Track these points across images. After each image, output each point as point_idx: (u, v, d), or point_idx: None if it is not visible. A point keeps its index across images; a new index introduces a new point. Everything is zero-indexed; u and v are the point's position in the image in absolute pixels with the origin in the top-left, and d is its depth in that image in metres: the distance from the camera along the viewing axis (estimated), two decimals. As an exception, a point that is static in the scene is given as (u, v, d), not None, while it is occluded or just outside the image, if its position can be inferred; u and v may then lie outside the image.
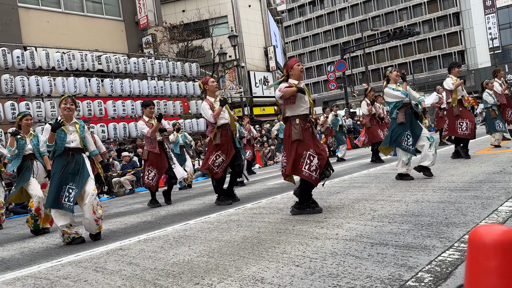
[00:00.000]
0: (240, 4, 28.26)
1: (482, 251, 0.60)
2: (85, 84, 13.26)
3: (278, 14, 36.80)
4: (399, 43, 57.22)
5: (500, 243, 0.59)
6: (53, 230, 5.73)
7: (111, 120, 13.90)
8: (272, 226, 3.97)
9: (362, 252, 2.76)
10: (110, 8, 19.38)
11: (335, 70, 24.35)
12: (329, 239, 3.21)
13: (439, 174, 6.04)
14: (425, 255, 2.55)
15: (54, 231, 5.64)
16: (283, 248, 3.10)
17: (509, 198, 3.85)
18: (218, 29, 26.50)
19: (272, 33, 31.34)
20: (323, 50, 66.89)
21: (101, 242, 4.41)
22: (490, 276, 0.59)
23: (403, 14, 60.24)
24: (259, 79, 29.24)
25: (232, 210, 5.32)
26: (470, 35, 55.69)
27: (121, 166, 12.37)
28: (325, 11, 66.94)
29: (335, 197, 5.20)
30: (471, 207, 3.69)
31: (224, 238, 3.69)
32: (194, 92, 17.23)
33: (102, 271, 3.12)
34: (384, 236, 3.08)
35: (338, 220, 3.84)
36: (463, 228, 3.06)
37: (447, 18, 57.02)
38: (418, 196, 4.54)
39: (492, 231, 0.60)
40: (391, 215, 3.78)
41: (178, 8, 27.46)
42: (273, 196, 6.12)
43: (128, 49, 19.10)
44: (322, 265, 2.60)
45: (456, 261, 2.38)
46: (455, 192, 4.50)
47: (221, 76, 25.63)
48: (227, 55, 23.08)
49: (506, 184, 4.57)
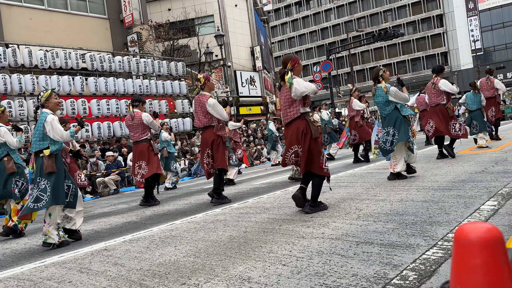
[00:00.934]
0: (227, 3, 28.20)
1: (467, 249, 0.61)
2: (68, 83, 13.06)
3: (264, 14, 36.84)
4: (383, 44, 57.86)
5: (485, 241, 0.60)
6: (34, 232, 5.63)
7: (95, 119, 13.72)
8: (259, 225, 3.97)
9: (347, 251, 2.79)
10: (94, 6, 19.13)
11: (321, 71, 24.46)
12: (315, 238, 3.23)
13: (423, 173, 6.13)
14: (409, 254, 2.58)
15: (35, 232, 5.54)
16: (269, 248, 3.11)
17: (491, 197, 3.93)
18: (204, 28, 26.41)
19: (259, 32, 31.37)
20: (309, 50, 67.22)
21: (86, 242, 4.35)
22: (476, 273, 0.60)
23: (387, 16, 60.93)
24: (246, 78, 29.23)
25: (218, 210, 5.31)
26: (453, 37, 56.63)
27: (105, 166, 12.23)
28: (311, 11, 67.28)
29: (321, 196, 5.23)
30: (454, 206, 3.76)
31: (211, 238, 3.69)
32: (180, 92, 17.13)
33: (87, 272, 3.08)
34: (369, 235, 3.12)
35: (324, 219, 3.86)
36: (446, 227, 3.11)
37: (431, 20, 57.87)
38: (403, 195, 4.60)
39: (477, 229, 0.62)
40: (376, 214, 3.82)
41: (164, 7, 27.26)
42: (260, 196, 6.13)
43: (113, 48, 18.89)
44: (308, 264, 2.62)
45: (439, 259, 2.42)
46: (438, 191, 4.57)
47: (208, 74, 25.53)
48: (213, 55, 23.01)
49: (487, 183, 4.66)
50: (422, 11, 58.20)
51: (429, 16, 57.75)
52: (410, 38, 58.44)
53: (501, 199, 3.81)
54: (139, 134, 6.83)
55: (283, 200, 5.41)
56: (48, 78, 12.57)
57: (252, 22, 30.46)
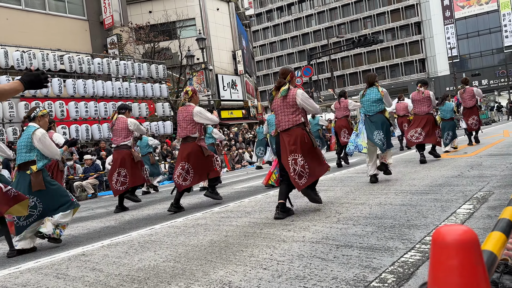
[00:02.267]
0: (208, 7, 28.18)
1: (444, 251, 0.63)
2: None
3: (246, 18, 36.95)
4: (363, 50, 58.80)
5: (461, 243, 0.62)
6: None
7: (73, 122, 13.49)
8: (240, 229, 3.97)
9: (328, 254, 2.81)
10: (73, 7, 18.82)
11: (302, 75, 24.66)
12: (296, 241, 3.24)
13: (401, 177, 6.23)
14: (388, 257, 2.62)
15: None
16: (250, 252, 3.11)
17: (467, 201, 4.03)
18: (186, 31, 26.28)
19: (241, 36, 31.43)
20: (290, 55, 67.72)
21: (63, 247, 4.26)
22: (452, 274, 0.62)
23: (367, 23, 61.97)
24: (227, 82, 29.22)
25: (199, 214, 5.28)
26: (431, 44, 58.00)
27: (83, 170, 12.01)
28: (293, 17, 67.86)
29: (301, 200, 5.27)
30: (431, 209, 3.83)
31: (191, 243, 3.66)
32: (161, 94, 17.00)
33: (64, 278, 3.02)
34: (349, 238, 3.15)
35: (305, 223, 3.89)
36: (424, 230, 3.17)
37: (409, 27, 59.14)
38: (381, 199, 4.67)
39: (454, 231, 0.64)
40: (355, 217, 3.87)
41: (145, 9, 27.04)
42: (241, 200, 6.12)
43: (92, 49, 18.61)
44: (289, 267, 2.63)
45: (417, 262, 2.47)
46: (416, 195, 4.66)
47: (188, 78, 25.41)
48: (194, 58, 22.93)
49: (463, 187, 4.78)
50: (400, 19, 59.43)
51: (408, 24, 59.01)
52: (389, 44, 59.56)
53: (476, 202, 3.90)
54: (121, 139, 6.83)
55: (264, 204, 5.41)
56: (24, 79, 12.28)
57: (234, 26, 30.50)
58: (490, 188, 4.56)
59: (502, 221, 1.00)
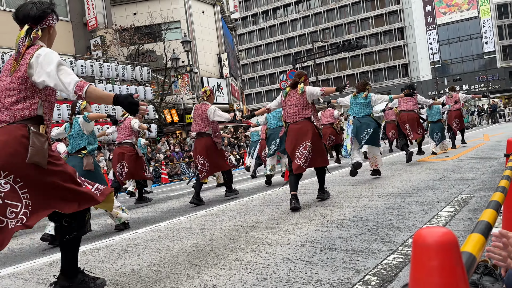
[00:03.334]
0: (194, 9, 28.11)
1: (425, 252, 0.65)
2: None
3: (232, 21, 36.99)
4: (347, 55, 59.41)
5: (441, 244, 0.64)
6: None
7: (55, 124, 13.25)
8: (225, 233, 3.96)
9: (312, 257, 2.82)
10: (56, 8, 18.55)
11: (287, 79, 24.78)
12: (281, 245, 3.25)
13: (384, 181, 6.31)
14: (371, 259, 2.65)
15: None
16: (235, 255, 3.10)
17: (448, 203, 4.10)
18: (171, 34, 26.16)
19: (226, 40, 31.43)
20: (275, 59, 67.96)
21: (43, 252, 4.18)
22: (433, 275, 0.64)
23: (351, 28, 62.66)
24: (213, 85, 29.14)
25: (184, 218, 5.25)
26: (413, 49, 58.93)
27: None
28: (278, 21, 68.16)
29: (286, 203, 5.28)
30: (413, 212, 3.89)
31: (175, 247, 3.63)
32: (145, 97, 16.86)
33: (45, 283, 2.96)
34: (333, 241, 3.18)
35: (290, 226, 3.90)
36: (406, 233, 3.21)
37: (392, 33, 60.00)
38: (365, 202, 4.72)
39: (434, 233, 0.65)
40: (339, 220, 3.90)
41: (129, 11, 26.82)
42: (226, 203, 6.11)
43: (75, 51, 18.36)
44: (274, 271, 2.63)
45: (400, 264, 2.50)
46: (399, 198, 4.72)
47: (173, 81, 25.28)
48: (179, 60, 22.83)
49: (445, 190, 4.86)
50: (384, 24, 60.26)
51: (391, 29, 59.87)
52: (372, 49, 60.31)
53: (458, 205, 3.98)
54: (124, 136, 7.24)
55: (249, 207, 5.41)
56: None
57: (219, 29, 30.48)
58: (470, 191, 4.65)
59: (481, 223, 1.02)
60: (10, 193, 2.21)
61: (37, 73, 2.31)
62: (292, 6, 67.29)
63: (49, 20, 2.46)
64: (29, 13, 2.40)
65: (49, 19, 2.47)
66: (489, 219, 1.05)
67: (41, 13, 2.41)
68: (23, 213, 2.23)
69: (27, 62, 2.30)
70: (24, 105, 2.30)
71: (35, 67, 2.31)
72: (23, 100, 2.30)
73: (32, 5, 2.41)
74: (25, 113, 2.30)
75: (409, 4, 58.47)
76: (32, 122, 2.31)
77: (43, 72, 2.31)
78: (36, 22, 2.41)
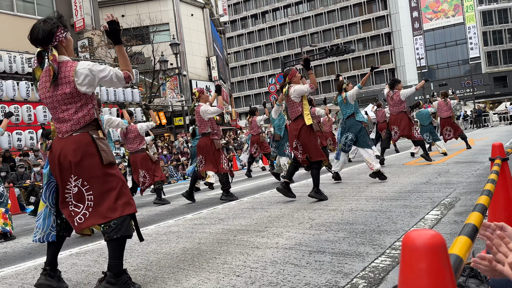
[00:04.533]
0: (183, 12, 28.05)
1: (413, 254, 0.66)
2: (13, 88, 12.38)
3: (221, 24, 37.01)
4: (335, 59, 59.89)
5: (429, 246, 0.65)
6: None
7: (40, 127, 13.07)
8: (213, 236, 3.94)
9: (301, 260, 2.83)
10: (43, 9, 18.35)
11: (276, 83, 24.87)
12: (269, 248, 3.25)
13: (371, 184, 6.36)
14: (359, 262, 2.67)
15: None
16: (224, 259, 3.09)
17: (434, 207, 4.15)
18: (159, 36, 26.04)
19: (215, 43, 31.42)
20: (264, 62, 68.14)
21: (29, 256, 4.11)
22: (421, 276, 0.64)
23: (339, 32, 63.20)
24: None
25: (171, 221, 5.21)
26: (400, 54, 59.66)
27: (51, 176, 11.65)
28: (267, 25, 68.41)
29: (275, 206, 5.29)
30: (400, 215, 3.93)
31: (163, 250, 3.61)
32: (133, 99, 16.75)
33: (29, 288, 2.91)
34: (322, 244, 3.19)
35: (278, 229, 3.90)
36: (394, 236, 3.24)
37: (380, 38, 60.68)
38: (352, 205, 4.75)
39: (423, 235, 0.66)
40: (327, 223, 3.91)
41: (117, 13, 26.63)
42: (214, 207, 6.09)
43: (62, 53, 18.16)
44: (262, 274, 2.63)
45: (387, 267, 2.52)
46: (386, 201, 4.76)
47: (161, 83, 25.15)
48: (168, 63, 22.73)
49: (431, 194, 4.92)
50: (371, 29, 60.92)
51: (378, 34, 60.55)
52: (360, 54, 60.89)
53: (444, 209, 4.03)
54: (136, 145, 7.31)
55: (238, 210, 5.40)
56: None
57: (208, 32, 30.47)
58: (456, 194, 4.72)
59: (468, 226, 1.04)
60: (77, 195, 2.51)
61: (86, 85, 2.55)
62: (281, 10, 67.62)
63: (58, 36, 2.58)
64: (37, 37, 2.54)
65: (58, 35, 2.58)
66: (475, 222, 1.06)
67: (48, 35, 2.54)
68: (82, 213, 2.52)
69: (72, 80, 2.50)
70: (83, 113, 2.55)
71: (82, 81, 2.52)
72: (81, 109, 2.55)
73: (38, 28, 2.55)
74: (86, 119, 2.56)
75: (396, 9, 59.25)
76: (92, 128, 2.58)
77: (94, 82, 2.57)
78: (47, 43, 2.55)
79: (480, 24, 54.61)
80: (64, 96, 2.51)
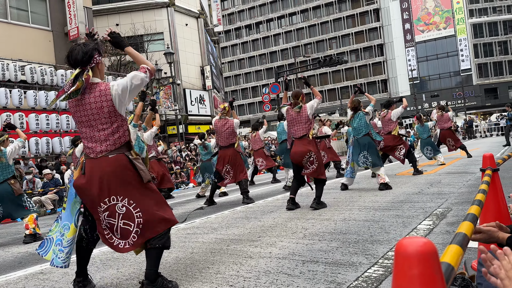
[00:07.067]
0: (177, 22, 28.18)
1: (406, 261, 0.67)
2: (5, 95, 12.29)
3: (215, 34, 37.20)
4: (328, 70, 60.33)
5: (421, 253, 0.67)
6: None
7: (33, 135, 12.99)
8: (206, 246, 3.93)
9: (294, 270, 2.83)
10: (37, 17, 18.33)
11: (269, 92, 25.00)
12: (262, 257, 3.25)
13: (364, 194, 6.39)
14: (352, 272, 2.67)
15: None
16: (217, 269, 3.08)
17: (427, 217, 4.18)
18: (154, 45, 26.11)
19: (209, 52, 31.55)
20: (258, 72, 68.48)
21: (20, 265, 4.06)
22: (413, 283, 0.66)
23: (332, 43, 63.82)
24: (195, 97, 29.12)
25: (164, 230, 5.18)
26: (392, 65, 60.32)
27: (42, 184, 11.54)
28: (261, 35, 68.91)
29: (269, 216, 5.29)
30: (393, 225, 3.95)
31: (156, 259, 3.58)
32: (126, 108, 16.70)
33: (19, 298, 2.87)
34: (315, 254, 3.19)
35: (272, 239, 3.90)
36: (386, 245, 3.25)
37: (372, 49, 61.34)
38: (346, 215, 4.77)
39: (415, 243, 0.68)
40: (321, 233, 3.92)
41: (112, 22, 26.71)
42: (207, 216, 6.07)
43: (56, 61, 18.11)
44: (255, 284, 2.62)
45: (380, 277, 2.53)
46: (378, 211, 4.78)
47: (155, 92, 25.16)
48: (162, 72, 22.76)
49: (423, 204, 4.96)
50: (364, 40, 61.59)
51: (371, 45, 61.22)
52: (353, 65, 61.45)
53: (436, 219, 4.06)
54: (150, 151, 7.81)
55: (231, 220, 5.39)
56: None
57: (202, 41, 30.60)
58: (448, 204, 4.75)
59: (459, 235, 1.06)
60: (126, 214, 2.59)
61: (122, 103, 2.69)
62: (274, 21, 68.20)
63: (96, 59, 2.69)
64: (76, 58, 2.65)
65: (96, 58, 2.69)
66: (466, 231, 1.08)
67: (88, 57, 2.65)
68: (135, 232, 2.60)
69: (110, 99, 2.61)
70: (119, 134, 2.66)
71: (118, 100, 2.65)
72: (117, 130, 2.65)
73: (78, 50, 2.67)
74: (122, 141, 2.66)
75: (388, 21, 60.04)
76: (126, 149, 2.68)
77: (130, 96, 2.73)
78: (85, 65, 2.64)
79: (471, 37, 55.47)
80: (102, 115, 2.61)
